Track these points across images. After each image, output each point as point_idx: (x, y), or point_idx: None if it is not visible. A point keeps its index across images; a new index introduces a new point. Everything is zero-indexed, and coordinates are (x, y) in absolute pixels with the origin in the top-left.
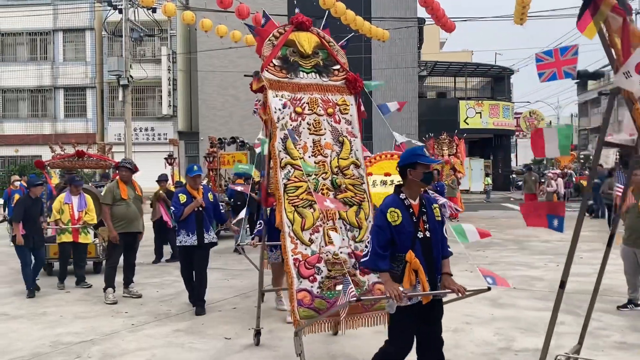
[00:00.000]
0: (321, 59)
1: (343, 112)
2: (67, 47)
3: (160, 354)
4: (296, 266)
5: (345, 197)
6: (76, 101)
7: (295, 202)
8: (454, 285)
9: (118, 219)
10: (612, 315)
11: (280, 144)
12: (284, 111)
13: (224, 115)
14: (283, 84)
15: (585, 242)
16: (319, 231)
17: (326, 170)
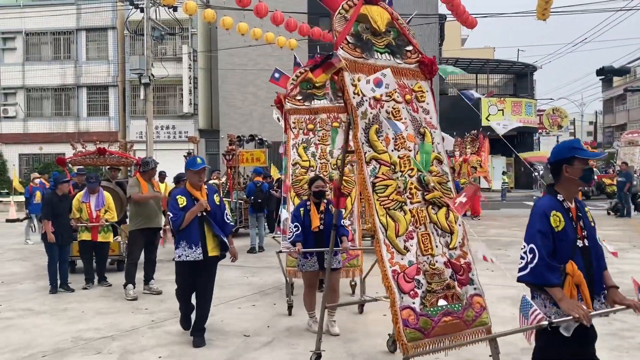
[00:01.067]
0: (392, 37)
1: (420, 100)
2: (90, 46)
3: (179, 351)
4: (395, 279)
5: (434, 197)
6: (99, 100)
7: (386, 203)
8: (627, 301)
9: (136, 216)
10: (637, 317)
11: (363, 135)
12: (363, 97)
13: (244, 113)
14: (359, 65)
15: (611, 242)
16: (413, 237)
17: (412, 166)
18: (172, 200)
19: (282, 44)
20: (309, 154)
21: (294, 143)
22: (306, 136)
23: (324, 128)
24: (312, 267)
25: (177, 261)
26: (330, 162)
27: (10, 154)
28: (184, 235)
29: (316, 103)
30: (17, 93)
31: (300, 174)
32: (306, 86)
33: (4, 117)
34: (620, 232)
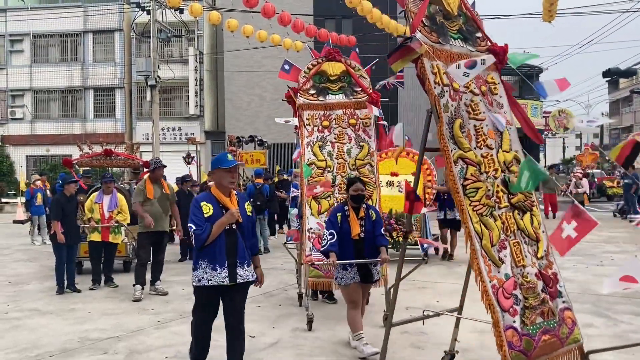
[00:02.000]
0: (462, 22)
1: (493, 93)
2: (96, 49)
3: (185, 351)
4: (495, 296)
5: (519, 201)
6: (105, 101)
7: (478, 209)
8: None
9: (141, 219)
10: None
11: (447, 130)
12: (444, 88)
13: (250, 115)
14: (437, 52)
15: (616, 244)
16: (506, 247)
17: (496, 166)
18: (195, 208)
19: (289, 45)
20: (325, 153)
21: (309, 141)
22: (321, 134)
23: (340, 125)
24: (353, 279)
25: (197, 286)
26: (349, 162)
27: (18, 155)
28: (207, 253)
29: (331, 98)
30: (24, 95)
31: (317, 174)
32: (319, 79)
33: (11, 119)
34: (626, 234)
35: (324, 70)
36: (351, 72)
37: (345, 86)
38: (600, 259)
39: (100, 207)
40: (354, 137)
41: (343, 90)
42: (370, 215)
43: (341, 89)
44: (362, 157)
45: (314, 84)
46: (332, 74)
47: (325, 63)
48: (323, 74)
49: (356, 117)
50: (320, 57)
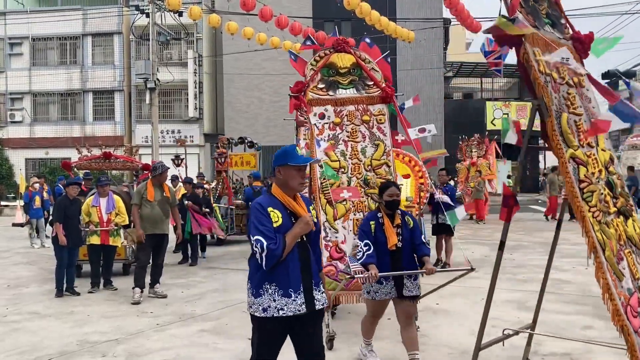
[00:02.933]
0: (547, 6)
1: (581, 85)
2: (96, 51)
3: (185, 354)
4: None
5: (622, 206)
6: (105, 104)
7: (596, 215)
8: None
9: (143, 221)
10: None
11: (557, 125)
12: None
13: (249, 117)
14: (536, 38)
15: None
16: (623, 258)
17: (600, 166)
18: (261, 216)
19: (288, 48)
20: (338, 153)
21: (319, 140)
22: (332, 131)
23: (353, 122)
24: (388, 294)
25: (262, 318)
26: (364, 162)
27: (17, 158)
28: (276, 274)
29: (341, 93)
30: (23, 98)
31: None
32: (328, 72)
33: (10, 122)
34: None
35: (333, 62)
36: (362, 64)
37: (356, 80)
38: None
39: (97, 210)
40: (367, 135)
41: (354, 84)
42: (407, 222)
43: (352, 82)
44: (378, 157)
45: (323, 77)
46: (341, 66)
47: (334, 54)
48: (332, 67)
49: (369, 113)
50: (328, 48)
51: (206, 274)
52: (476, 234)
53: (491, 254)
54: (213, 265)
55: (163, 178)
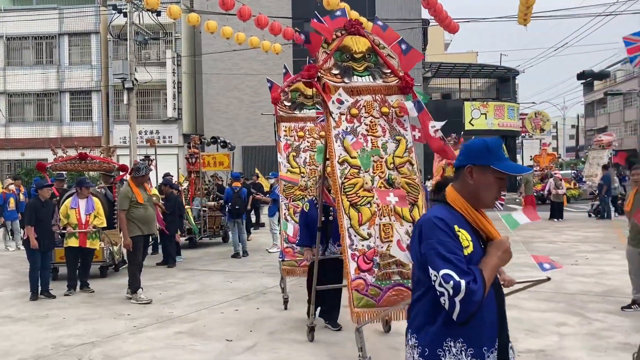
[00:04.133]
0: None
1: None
2: (72, 51)
3: (161, 356)
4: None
5: None
6: (82, 104)
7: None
8: None
9: (138, 222)
10: (617, 317)
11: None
12: None
13: (228, 118)
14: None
15: (591, 243)
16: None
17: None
18: (444, 235)
19: (267, 48)
20: (358, 150)
21: (337, 133)
22: (350, 124)
23: (371, 114)
24: None
25: None
26: (386, 159)
27: None
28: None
29: (357, 80)
30: None
31: (352, 175)
32: (341, 57)
33: None
34: (601, 233)
35: (347, 45)
36: (377, 50)
37: (372, 67)
38: (575, 259)
39: (76, 212)
40: (388, 129)
41: (370, 72)
42: None
43: (367, 69)
44: (401, 154)
45: (336, 61)
46: (356, 50)
47: (348, 37)
48: (346, 50)
49: (388, 104)
50: (340, 30)
51: (184, 276)
52: None
53: None
54: (191, 266)
55: (145, 179)
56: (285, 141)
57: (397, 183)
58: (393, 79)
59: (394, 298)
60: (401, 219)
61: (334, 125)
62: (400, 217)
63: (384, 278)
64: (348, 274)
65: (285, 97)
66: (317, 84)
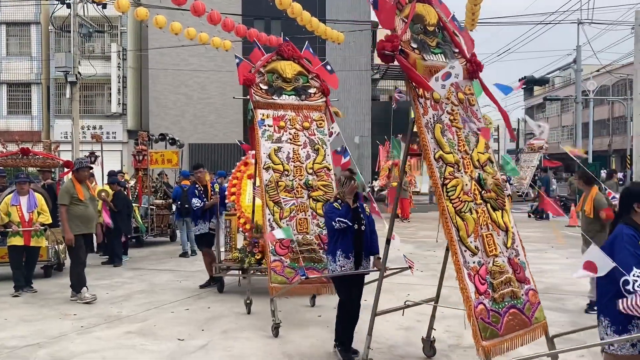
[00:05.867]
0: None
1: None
2: (10, 41)
3: (112, 356)
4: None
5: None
6: (20, 97)
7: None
8: None
9: (77, 220)
10: (556, 312)
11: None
12: None
13: (175, 114)
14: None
15: (530, 243)
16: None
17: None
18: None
19: (217, 44)
20: (446, 141)
21: (426, 122)
22: (435, 111)
23: (451, 100)
24: None
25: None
26: (472, 155)
27: None
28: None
29: (432, 59)
30: None
31: (451, 174)
32: (415, 28)
33: None
34: (540, 233)
35: (420, 14)
36: (446, 25)
37: (442, 44)
38: None
39: (18, 210)
40: (465, 119)
41: (442, 49)
42: None
43: (439, 46)
44: (482, 150)
45: (412, 34)
46: (429, 22)
47: (419, 4)
48: (419, 21)
49: (462, 90)
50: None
51: (131, 275)
52: (401, 233)
53: (416, 251)
54: (138, 266)
55: (82, 175)
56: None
57: (488, 184)
58: (462, 60)
59: (511, 324)
60: (497, 227)
61: (421, 111)
62: (497, 226)
63: (500, 300)
64: (468, 300)
65: (261, 79)
66: (403, 59)
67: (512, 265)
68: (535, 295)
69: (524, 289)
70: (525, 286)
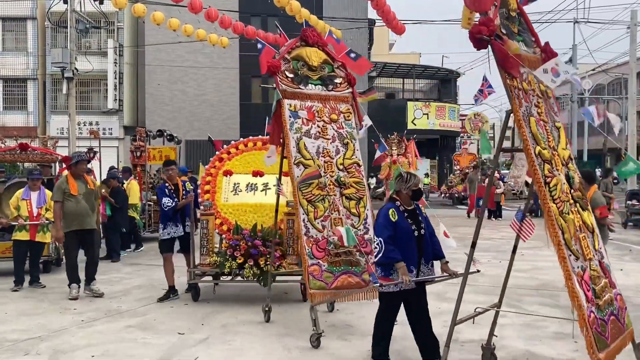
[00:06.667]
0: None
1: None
2: (6, 37)
3: (113, 349)
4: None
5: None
6: (16, 93)
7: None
8: None
9: (68, 216)
10: (550, 308)
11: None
12: None
13: (171, 110)
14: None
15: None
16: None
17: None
18: None
19: (214, 41)
20: (540, 133)
21: (522, 113)
22: (527, 104)
23: (536, 92)
24: None
25: None
26: (559, 152)
27: None
28: None
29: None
30: None
31: (550, 172)
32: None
33: None
34: (535, 231)
35: None
36: (524, 12)
37: (522, 31)
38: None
39: (28, 204)
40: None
41: (523, 37)
42: None
43: (520, 33)
44: (564, 145)
45: (502, 20)
46: (512, 7)
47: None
48: (504, 5)
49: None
50: None
51: (130, 270)
52: None
53: None
54: (136, 261)
55: (80, 169)
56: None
57: (575, 182)
58: (537, 49)
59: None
60: (586, 229)
61: (517, 104)
62: (586, 227)
63: (604, 307)
64: (581, 308)
65: (287, 66)
66: (499, 44)
67: (603, 269)
68: (623, 300)
69: (613, 294)
70: (614, 290)
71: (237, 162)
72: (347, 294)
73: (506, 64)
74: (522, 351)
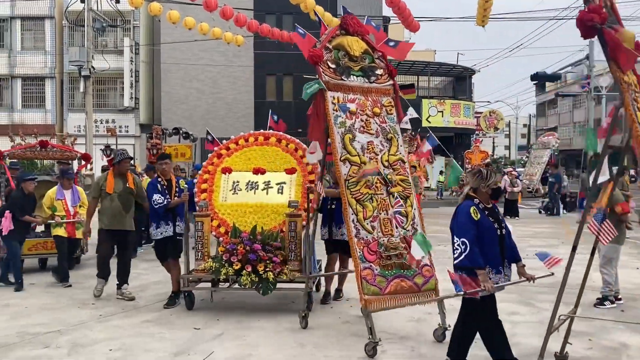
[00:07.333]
0: None
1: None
2: (25, 36)
3: (131, 343)
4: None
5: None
6: (35, 91)
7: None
8: None
9: (101, 214)
10: (563, 306)
11: None
12: None
13: (187, 108)
14: None
15: (541, 239)
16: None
17: None
18: None
19: (230, 39)
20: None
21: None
22: None
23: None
24: None
25: None
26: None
27: None
28: None
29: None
30: None
31: None
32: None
33: None
34: (550, 229)
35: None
36: None
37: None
38: (526, 253)
39: (63, 203)
40: None
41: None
42: None
43: None
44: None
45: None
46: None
47: None
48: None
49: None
50: None
51: (146, 266)
52: None
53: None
54: (152, 257)
55: (123, 167)
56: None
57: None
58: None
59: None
60: None
61: None
62: None
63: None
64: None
65: (328, 56)
66: (611, 32)
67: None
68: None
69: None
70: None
71: (236, 159)
72: (401, 303)
73: (618, 54)
74: (536, 348)
